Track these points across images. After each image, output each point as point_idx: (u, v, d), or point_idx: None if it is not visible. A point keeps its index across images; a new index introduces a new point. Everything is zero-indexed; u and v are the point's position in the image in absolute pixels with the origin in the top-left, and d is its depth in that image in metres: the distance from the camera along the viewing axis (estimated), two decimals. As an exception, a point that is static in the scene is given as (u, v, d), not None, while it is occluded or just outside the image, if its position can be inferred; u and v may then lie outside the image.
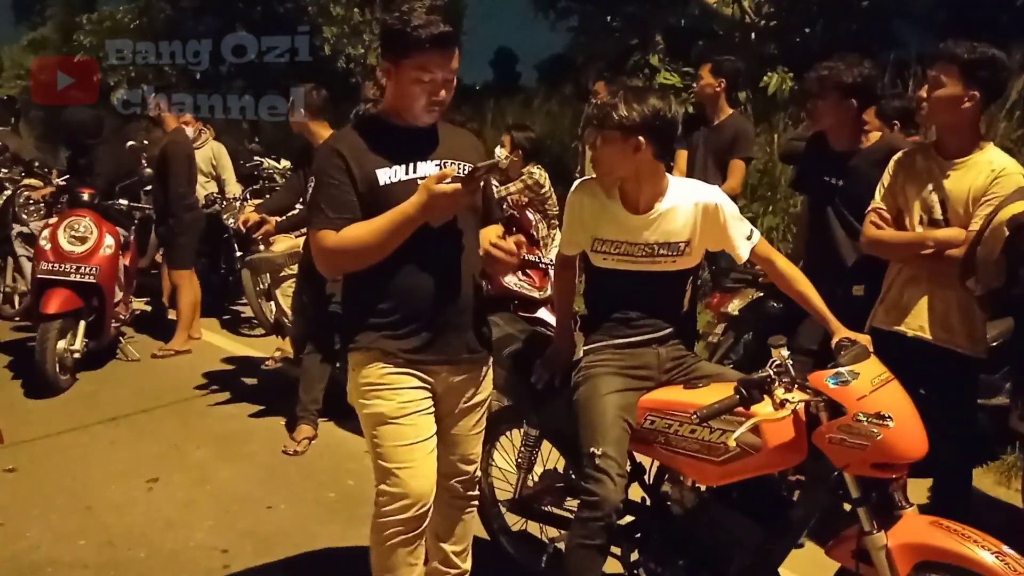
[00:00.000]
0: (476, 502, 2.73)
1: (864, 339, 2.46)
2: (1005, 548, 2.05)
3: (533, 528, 3.22)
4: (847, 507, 2.29)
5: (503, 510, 3.27)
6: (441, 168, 2.37)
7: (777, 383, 2.20)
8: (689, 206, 2.57)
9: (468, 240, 2.46)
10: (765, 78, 8.01)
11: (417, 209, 2.26)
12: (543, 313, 4.88)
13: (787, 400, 2.17)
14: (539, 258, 5.21)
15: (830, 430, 2.17)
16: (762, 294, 4.24)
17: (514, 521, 3.27)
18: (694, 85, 5.86)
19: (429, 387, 2.46)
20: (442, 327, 2.43)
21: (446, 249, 2.42)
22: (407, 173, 2.38)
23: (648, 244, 2.58)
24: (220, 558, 3.38)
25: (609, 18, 11.51)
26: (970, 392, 3.07)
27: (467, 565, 2.79)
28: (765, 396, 2.21)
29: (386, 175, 2.36)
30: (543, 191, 5.61)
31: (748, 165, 5.24)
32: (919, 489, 3.29)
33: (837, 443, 2.16)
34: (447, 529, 2.72)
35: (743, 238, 2.62)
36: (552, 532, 3.11)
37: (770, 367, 2.23)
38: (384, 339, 2.40)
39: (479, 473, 2.69)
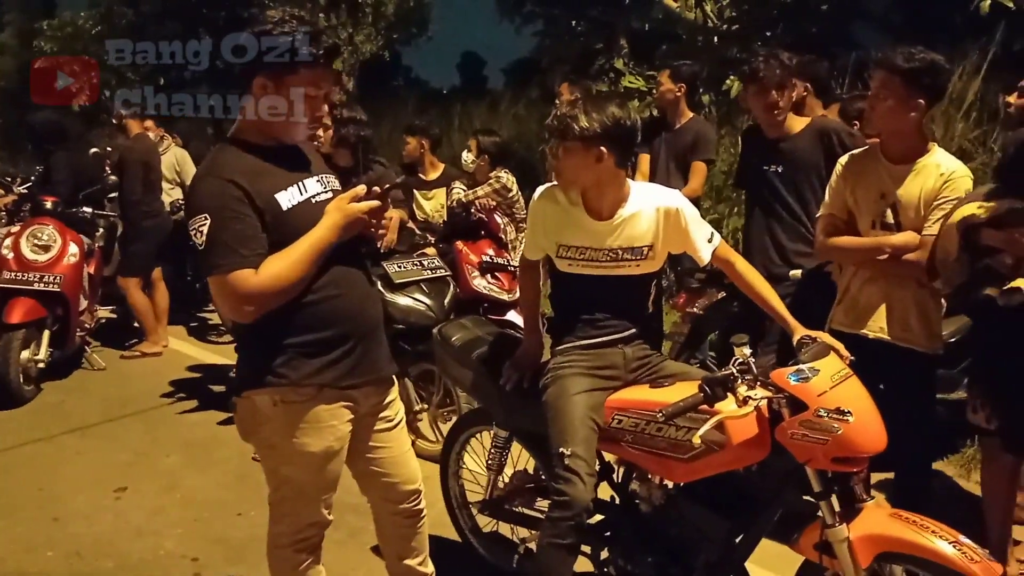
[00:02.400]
0: (424, 511, 2.71)
1: (824, 336, 2.52)
2: (962, 538, 2.10)
3: (504, 528, 3.24)
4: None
5: (474, 511, 3.29)
6: (323, 184, 2.34)
7: (740, 381, 2.25)
8: (651, 211, 2.61)
9: (356, 249, 2.40)
10: (728, 81, 8.11)
11: (334, 231, 2.22)
12: (513, 315, 4.92)
13: (750, 397, 2.22)
14: (508, 261, 5.25)
15: (792, 426, 2.20)
16: (726, 294, 4.31)
17: (485, 522, 3.30)
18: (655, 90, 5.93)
19: (353, 414, 2.37)
20: (367, 344, 2.36)
21: (351, 264, 2.36)
22: (301, 193, 2.26)
23: (612, 249, 2.62)
24: (191, 566, 3.37)
25: (574, 22, 11.59)
26: (929, 388, 3.15)
27: (431, 568, 2.80)
28: (728, 394, 2.25)
29: (286, 199, 2.22)
30: (511, 195, 5.65)
31: (710, 167, 5.32)
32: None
33: (799, 438, 2.19)
34: (405, 548, 2.71)
35: (704, 241, 2.68)
36: (523, 532, 3.13)
37: (733, 365, 2.27)
38: (319, 371, 2.26)
39: (422, 486, 2.66)
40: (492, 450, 3.16)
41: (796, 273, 3.50)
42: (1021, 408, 2.85)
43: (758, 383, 2.27)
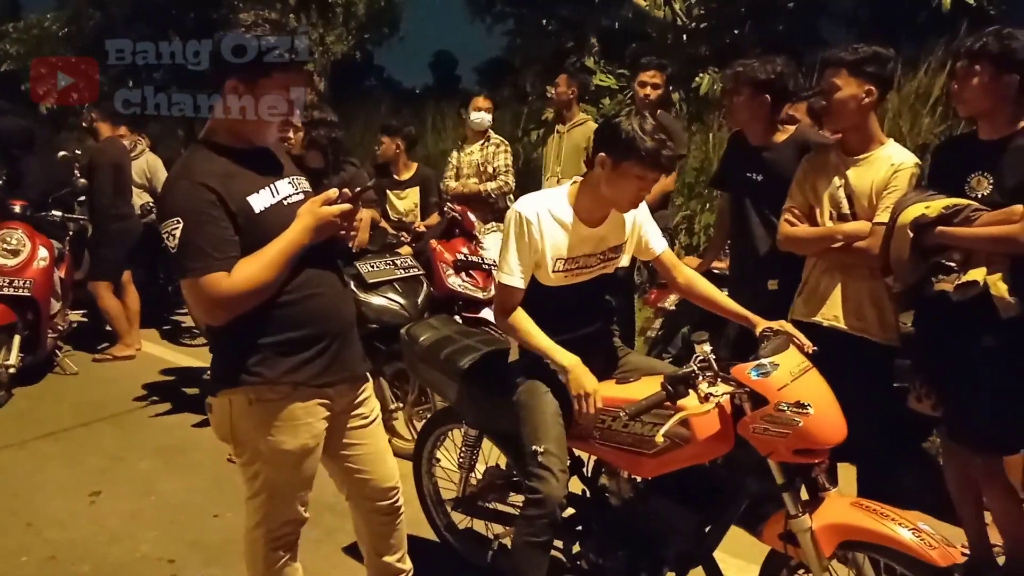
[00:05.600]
0: (403, 508, 2.74)
1: (786, 326, 2.59)
2: (922, 524, 2.15)
3: (479, 525, 3.28)
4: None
5: (448, 508, 3.32)
6: (294, 185, 2.36)
7: (701, 378, 2.29)
8: None
9: (328, 250, 2.42)
10: (697, 79, 8.19)
11: (307, 234, 2.24)
12: (487, 313, 4.94)
13: (711, 394, 2.27)
14: (482, 259, 5.28)
15: (754, 420, 2.25)
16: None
17: (460, 519, 3.33)
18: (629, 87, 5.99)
19: (328, 412, 2.40)
20: (341, 343, 2.39)
21: (324, 264, 2.38)
22: (273, 196, 2.28)
23: (603, 252, 2.71)
24: (167, 568, 3.37)
25: (544, 21, 11.63)
26: (884, 377, 3.22)
27: (409, 564, 2.84)
28: (690, 391, 2.30)
29: (258, 201, 2.23)
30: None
31: (681, 162, 5.37)
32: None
33: (761, 432, 2.25)
34: (384, 544, 2.74)
35: (658, 237, 2.83)
36: (498, 528, 3.17)
37: (694, 362, 2.31)
38: (294, 369, 2.28)
39: (400, 483, 2.69)
40: (463, 449, 3.19)
41: (773, 284, 3.51)
42: (964, 397, 2.92)
43: (719, 379, 2.32)
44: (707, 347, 2.33)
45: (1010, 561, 3.06)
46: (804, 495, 2.35)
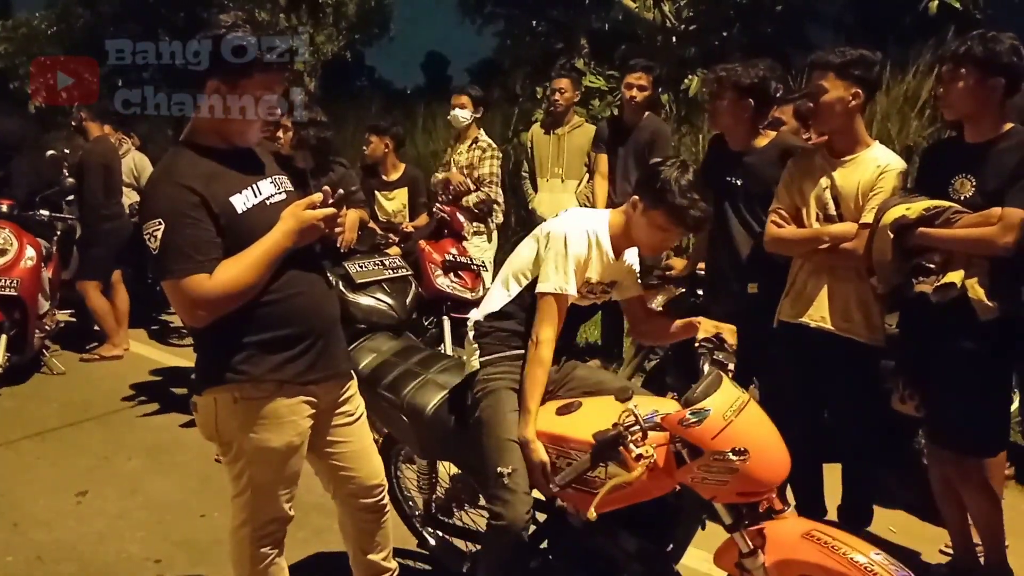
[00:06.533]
0: (388, 506, 2.74)
1: (727, 329, 2.64)
2: (873, 554, 2.08)
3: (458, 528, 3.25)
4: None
5: (418, 525, 3.32)
6: (276, 185, 2.37)
7: (629, 439, 2.14)
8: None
9: (312, 250, 2.43)
10: (686, 80, 8.21)
11: (289, 238, 2.25)
12: (475, 314, 4.94)
13: (642, 455, 2.12)
14: (470, 259, 5.29)
15: (690, 470, 2.17)
16: (684, 290, 4.39)
17: (433, 530, 3.32)
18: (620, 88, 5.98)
19: (314, 409, 2.41)
20: (326, 341, 2.40)
21: (308, 264, 2.39)
22: (255, 196, 2.29)
23: (610, 282, 2.76)
24: (153, 568, 3.37)
25: (534, 22, 11.64)
26: (869, 378, 3.25)
27: (395, 564, 2.84)
28: (620, 451, 2.16)
29: (241, 202, 2.24)
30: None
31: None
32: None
33: (699, 481, 2.17)
34: (369, 542, 2.74)
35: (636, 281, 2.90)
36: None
37: (621, 422, 2.16)
38: (279, 367, 2.29)
39: (385, 482, 2.69)
40: (419, 475, 3.16)
41: (753, 287, 3.53)
42: (943, 399, 2.96)
43: (649, 434, 2.17)
44: (632, 403, 2.17)
45: (988, 563, 3.08)
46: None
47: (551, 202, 5.71)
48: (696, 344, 2.61)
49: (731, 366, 3.56)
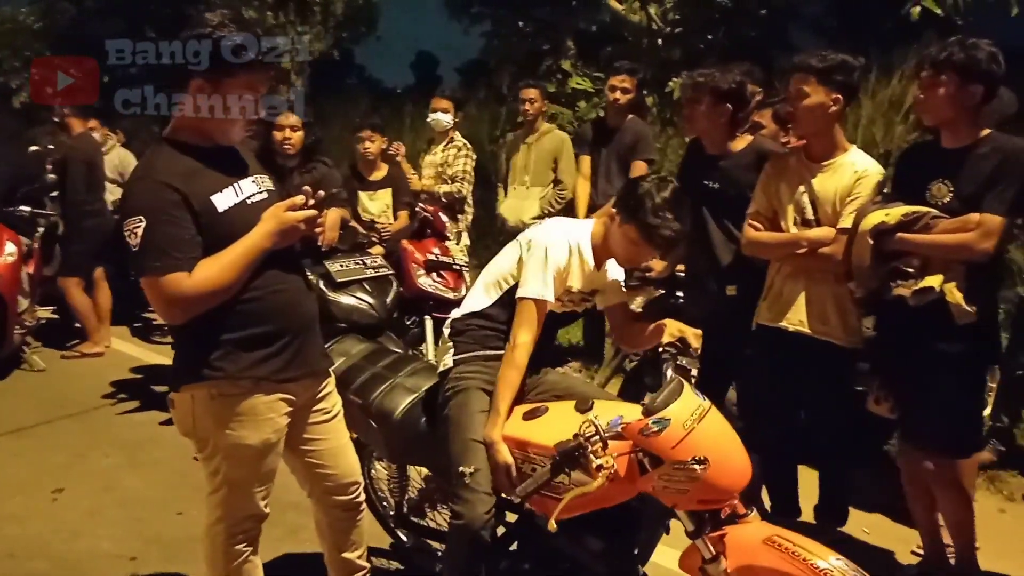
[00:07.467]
0: (363, 505, 2.74)
1: (691, 333, 2.66)
2: (833, 559, 2.09)
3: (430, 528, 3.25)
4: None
5: (392, 524, 3.31)
6: (258, 184, 2.37)
7: (589, 449, 2.10)
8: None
9: (291, 249, 2.42)
10: (671, 83, 8.24)
11: (269, 238, 2.25)
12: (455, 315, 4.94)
13: (602, 466, 2.08)
14: (452, 260, 5.29)
15: (651, 479, 2.17)
16: (663, 291, 4.41)
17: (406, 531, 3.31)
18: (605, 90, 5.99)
19: (291, 407, 2.41)
20: (303, 339, 2.40)
21: (287, 262, 2.39)
22: (236, 195, 2.29)
23: (590, 291, 2.76)
24: (128, 566, 3.36)
25: (521, 23, 11.66)
26: (847, 380, 3.28)
27: (368, 564, 2.84)
28: (580, 462, 2.12)
29: (222, 201, 2.24)
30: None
31: (650, 166, 5.41)
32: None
33: (660, 489, 2.17)
34: (344, 540, 2.74)
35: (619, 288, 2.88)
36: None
37: (582, 432, 2.12)
38: (256, 364, 2.29)
39: (361, 479, 2.70)
40: (389, 479, 3.16)
41: (731, 289, 3.54)
42: (919, 400, 2.98)
43: (609, 444, 2.14)
44: (591, 414, 2.17)
45: (959, 563, 3.11)
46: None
47: (515, 208, 5.72)
48: (660, 349, 2.62)
49: (694, 371, 3.60)
